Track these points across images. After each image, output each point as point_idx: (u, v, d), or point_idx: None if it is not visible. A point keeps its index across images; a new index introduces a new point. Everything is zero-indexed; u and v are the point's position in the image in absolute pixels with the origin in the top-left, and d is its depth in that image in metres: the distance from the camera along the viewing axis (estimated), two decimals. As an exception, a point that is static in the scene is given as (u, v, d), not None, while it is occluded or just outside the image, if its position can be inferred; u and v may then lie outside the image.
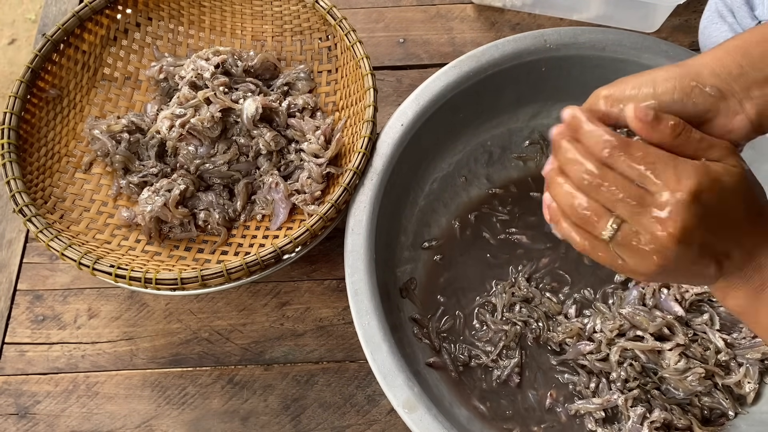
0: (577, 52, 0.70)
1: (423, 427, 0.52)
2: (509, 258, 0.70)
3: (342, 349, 0.69)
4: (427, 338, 0.65)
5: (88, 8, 0.71)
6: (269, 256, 0.58)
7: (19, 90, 0.67)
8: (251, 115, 0.67)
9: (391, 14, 0.89)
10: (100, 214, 0.69)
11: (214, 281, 0.58)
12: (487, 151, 0.75)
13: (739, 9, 0.72)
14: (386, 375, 0.55)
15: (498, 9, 0.89)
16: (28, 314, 0.71)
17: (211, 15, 0.79)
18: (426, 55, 0.86)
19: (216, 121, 0.67)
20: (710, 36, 0.76)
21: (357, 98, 0.69)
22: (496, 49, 0.69)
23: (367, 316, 0.57)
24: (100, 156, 0.71)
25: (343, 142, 0.69)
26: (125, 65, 0.76)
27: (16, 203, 0.62)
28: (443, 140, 0.72)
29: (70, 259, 0.59)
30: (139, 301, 0.72)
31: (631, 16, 0.84)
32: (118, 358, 0.69)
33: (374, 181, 0.63)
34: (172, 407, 0.66)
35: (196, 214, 0.69)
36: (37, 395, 0.67)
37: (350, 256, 0.60)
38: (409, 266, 0.69)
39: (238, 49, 0.76)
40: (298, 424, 0.65)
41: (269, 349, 0.69)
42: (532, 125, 0.76)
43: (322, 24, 0.76)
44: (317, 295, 0.72)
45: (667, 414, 0.59)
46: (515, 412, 0.62)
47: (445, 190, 0.73)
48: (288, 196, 0.68)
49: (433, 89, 0.68)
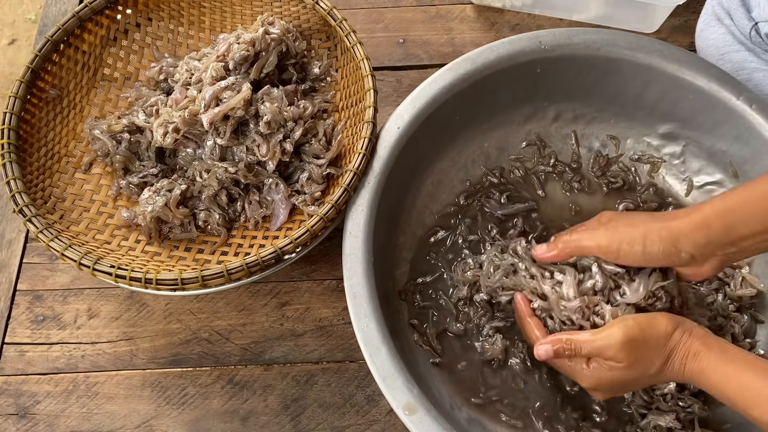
0: (572, 53, 0.70)
1: (423, 428, 0.53)
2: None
3: (342, 349, 0.69)
4: (427, 345, 0.65)
5: (88, 8, 0.71)
6: (269, 257, 0.59)
7: (19, 90, 0.67)
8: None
9: (391, 15, 0.89)
10: (100, 214, 0.69)
11: (215, 282, 0.58)
12: (485, 152, 0.75)
13: (736, 11, 0.72)
14: (386, 377, 0.55)
15: (498, 9, 0.89)
16: (28, 314, 0.71)
17: (211, 15, 0.79)
18: (426, 55, 0.86)
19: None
20: (707, 39, 0.76)
21: (357, 99, 0.70)
22: (491, 51, 0.69)
23: (365, 319, 0.57)
24: (100, 156, 0.71)
25: (343, 143, 0.69)
26: (125, 65, 0.76)
27: (16, 203, 0.62)
28: (440, 142, 0.72)
29: (70, 259, 0.59)
30: (139, 302, 0.72)
31: (630, 16, 0.84)
32: (118, 358, 0.69)
33: (371, 183, 0.63)
34: (172, 407, 0.67)
35: (197, 214, 0.69)
36: (37, 395, 0.67)
37: (348, 258, 0.60)
38: (407, 267, 0.69)
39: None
40: (297, 424, 0.66)
41: (269, 349, 0.69)
42: (529, 126, 0.76)
43: (323, 25, 0.76)
44: (317, 295, 0.72)
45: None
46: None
47: (443, 192, 0.73)
48: (288, 197, 0.68)
49: (429, 92, 0.68)
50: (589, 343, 0.54)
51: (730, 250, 0.52)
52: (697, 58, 0.69)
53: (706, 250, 0.53)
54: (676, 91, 0.69)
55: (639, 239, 0.54)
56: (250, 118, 0.66)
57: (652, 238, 0.53)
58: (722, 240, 0.52)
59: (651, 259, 0.54)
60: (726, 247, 0.52)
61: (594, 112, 0.75)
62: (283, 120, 0.67)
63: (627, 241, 0.54)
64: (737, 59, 0.72)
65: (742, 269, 0.68)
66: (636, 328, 0.52)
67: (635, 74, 0.70)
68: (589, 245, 0.56)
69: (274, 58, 0.70)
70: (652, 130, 0.74)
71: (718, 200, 0.53)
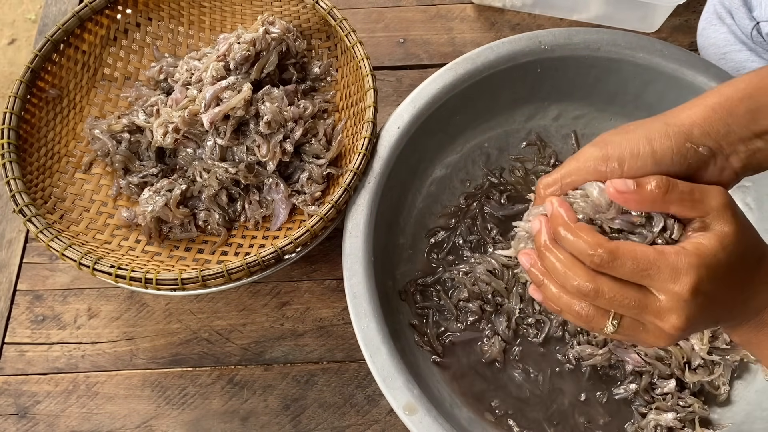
0: (572, 53, 0.70)
1: (423, 428, 0.53)
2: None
3: (342, 349, 0.69)
4: (428, 345, 0.65)
5: (88, 8, 0.71)
6: (270, 257, 0.59)
7: (19, 90, 0.67)
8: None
9: (391, 14, 0.89)
10: (100, 214, 0.69)
11: (215, 281, 0.58)
12: (485, 153, 0.75)
13: (737, 10, 0.72)
14: (386, 378, 0.55)
15: (498, 9, 0.89)
16: (28, 314, 0.71)
17: (211, 15, 0.79)
18: (426, 55, 0.86)
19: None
20: (709, 38, 0.76)
21: (357, 99, 0.70)
22: (491, 50, 0.69)
23: (365, 319, 0.57)
24: (100, 156, 0.71)
25: (344, 143, 0.69)
26: (125, 65, 0.76)
27: (16, 203, 0.62)
28: (440, 142, 0.72)
29: (70, 259, 0.59)
30: (139, 302, 0.72)
31: (630, 16, 0.84)
32: (118, 358, 0.69)
33: (371, 183, 0.63)
34: (172, 407, 0.67)
35: (197, 214, 0.69)
36: (37, 395, 0.67)
37: (348, 259, 0.60)
38: (407, 268, 0.69)
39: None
40: (298, 424, 0.66)
41: (269, 349, 0.69)
42: (529, 126, 0.76)
43: (323, 25, 0.76)
44: (317, 295, 0.72)
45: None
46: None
47: (443, 192, 0.73)
48: (288, 197, 0.68)
49: (429, 92, 0.68)
50: (685, 183, 0.40)
51: (756, 144, 0.42)
52: (697, 58, 0.69)
53: (728, 142, 0.42)
54: (676, 91, 0.69)
55: (643, 140, 0.42)
56: (250, 118, 0.66)
57: (659, 135, 0.42)
58: (747, 129, 0.42)
59: (663, 161, 0.41)
60: (752, 140, 0.42)
61: (594, 111, 0.75)
62: (284, 120, 0.67)
63: (629, 147, 0.42)
64: (739, 59, 0.72)
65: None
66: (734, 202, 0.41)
67: (635, 74, 0.70)
68: (579, 167, 0.43)
69: (275, 58, 0.70)
70: (653, 130, 0.74)
71: (739, 82, 0.43)
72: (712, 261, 0.39)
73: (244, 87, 0.65)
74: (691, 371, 0.63)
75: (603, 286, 0.40)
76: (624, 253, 0.39)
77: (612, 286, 0.40)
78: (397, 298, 0.67)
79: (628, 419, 0.62)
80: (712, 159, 0.42)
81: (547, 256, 0.42)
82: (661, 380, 0.63)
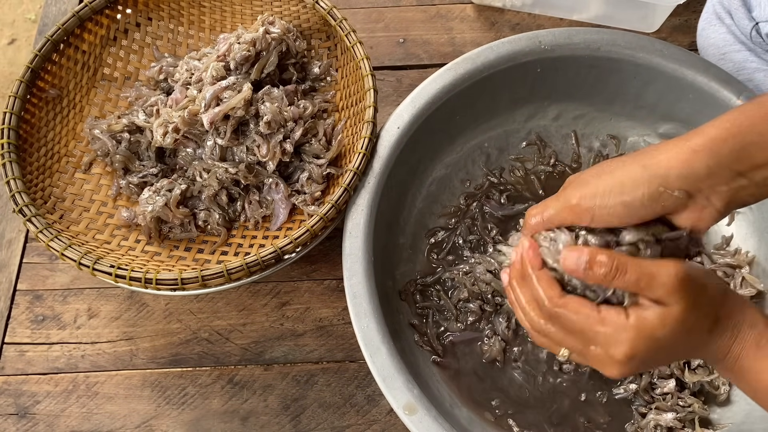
0: (571, 53, 0.70)
1: (423, 428, 0.53)
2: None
3: (342, 349, 0.69)
4: (428, 345, 0.65)
5: (88, 8, 0.71)
6: (269, 257, 0.59)
7: (19, 90, 0.67)
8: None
9: (391, 14, 0.89)
10: (100, 214, 0.69)
11: (215, 281, 0.58)
12: (485, 152, 0.75)
13: (736, 11, 0.72)
14: (386, 377, 0.55)
15: (498, 9, 0.89)
16: (28, 314, 0.71)
17: (211, 15, 0.79)
18: (426, 55, 0.86)
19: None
20: (708, 38, 0.76)
21: (357, 99, 0.70)
22: (491, 50, 0.69)
23: (365, 319, 0.57)
24: (100, 156, 0.71)
25: (344, 142, 0.69)
26: (125, 65, 0.76)
27: (16, 203, 0.62)
28: (440, 142, 0.72)
29: (70, 259, 0.59)
30: (138, 301, 0.72)
31: (630, 16, 0.84)
32: (117, 358, 0.69)
33: (371, 183, 0.63)
34: (172, 407, 0.67)
35: (197, 214, 0.69)
36: (36, 395, 0.67)
37: (348, 259, 0.60)
38: (407, 268, 0.69)
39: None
40: (298, 424, 0.66)
41: (269, 349, 0.69)
42: (529, 126, 0.76)
43: (323, 25, 0.76)
44: (317, 295, 0.72)
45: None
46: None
47: (443, 192, 0.73)
48: (288, 197, 0.68)
49: (429, 92, 0.68)
50: (638, 265, 0.41)
51: (739, 182, 0.41)
52: (697, 58, 0.69)
53: (708, 184, 0.41)
54: (676, 91, 0.69)
55: (617, 187, 0.42)
56: (250, 118, 0.66)
57: (632, 182, 0.42)
58: (731, 168, 0.41)
59: (634, 210, 0.42)
60: (735, 179, 0.41)
61: (594, 111, 0.75)
62: (283, 120, 0.67)
63: (600, 194, 0.42)
64: (738, 59, 0.72)
65: (741, 269, 0.68)
66: (692, 267, 0.41)
67: (635, 74, 0.70)
68: (555, 211, 0.44)
69: (275, 58, 0.70)
70: (652, 130, 0.74)
71: (724, 121, 0.42)
72: (650, 337, 0.41)
73: (244, 87, 0.65)
74: (690, 371, 0.63)
75: (551, 329, 0.45)
76: (570, 311, 0.43)
77: (557, 331, 0.44)
78: (396, 298, 0.67)
79: (628, 419, 0.63)
80: (690, 200, 0.42)
81: (514, 287, 0.47)
82: (660, 380, 0.63)
